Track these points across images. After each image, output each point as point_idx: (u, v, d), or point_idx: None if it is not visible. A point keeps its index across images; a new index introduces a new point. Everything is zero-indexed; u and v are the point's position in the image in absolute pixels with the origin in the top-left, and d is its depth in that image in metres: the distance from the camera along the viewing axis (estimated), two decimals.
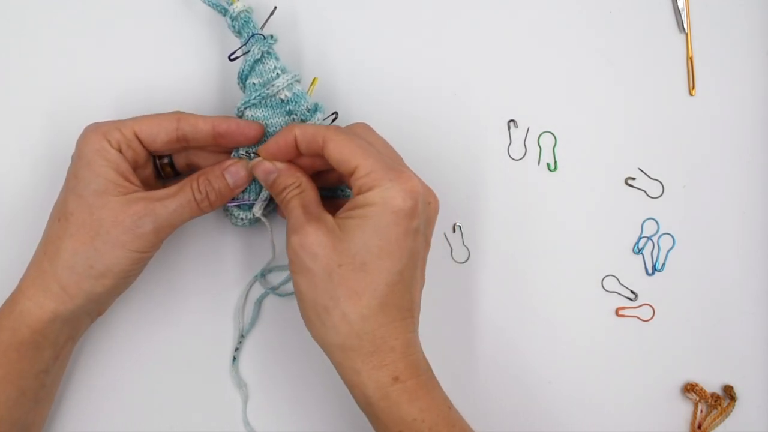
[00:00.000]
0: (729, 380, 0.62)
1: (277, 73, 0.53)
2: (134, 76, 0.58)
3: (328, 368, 0.50)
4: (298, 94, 0.53)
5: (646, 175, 0.62)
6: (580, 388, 0.60)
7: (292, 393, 0.58)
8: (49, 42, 0.58)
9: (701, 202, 0.62)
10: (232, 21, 0.53)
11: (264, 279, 0.58)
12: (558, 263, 0.61)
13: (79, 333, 0.52)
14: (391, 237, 0.47)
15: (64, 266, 0.48)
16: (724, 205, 0.62)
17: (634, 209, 0.62)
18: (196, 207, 0.51)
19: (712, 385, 0.61)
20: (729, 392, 0.61)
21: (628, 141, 0.62)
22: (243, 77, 0.53)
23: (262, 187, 0.54)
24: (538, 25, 0.62)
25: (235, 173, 0.52)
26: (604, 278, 0.61)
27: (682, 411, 0.61)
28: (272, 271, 0.59)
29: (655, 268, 0.62)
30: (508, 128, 0.61)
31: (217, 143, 0.52)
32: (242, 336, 0.58)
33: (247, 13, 0.53)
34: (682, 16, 0.62)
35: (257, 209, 0.54)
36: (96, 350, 0.57)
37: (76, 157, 0.50)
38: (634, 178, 0.62)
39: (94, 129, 0.50)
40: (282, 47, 0.54)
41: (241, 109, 0.53)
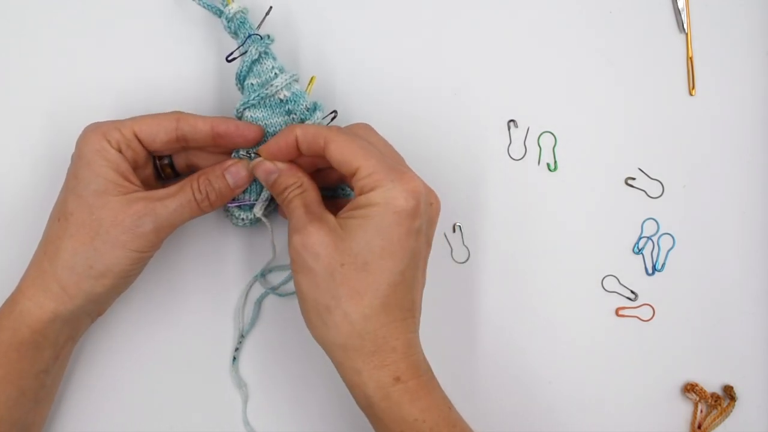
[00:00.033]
0: (729, 380, 0.62)
1: (275, 73, 0.53)
2: (134, 77, 0.58)
3: (328, 368, 0.50)
4: (297, 94, 0.53)
5: (646, 175, 0.62)
6: (580, 388, 0.60)
7: (292, 393, 0.58)
8: (49, 42, 0.57)
9: (701, 202, 0.62)
10: (228, 22, 0.53)
11: (264, 279, 0.58)
12: (558, 263, 0.61)
13: (79, 333, 0.52)
14: (393, 237, 0.47)
15: (63, 266, 0.48)
16: (724, 205, 0.62)
17: (634, 209, 0.62)
18: (196, 207, 0.51)
19: (712, 385, 0.62)
20: (729, 392, 0.61)
21: (628, 141, 0.62)
22: (241, 78, 0.53)
23: (263, 188, 0.54)
24: (538, 25, 0.62)
25: (235, 173, 0.52)
26: (604, 278, 0.61)
27: (682, 411, 0.61)
28: (272, 271, 0.59)
29: (655, 268, 0.62)
30: (508, 128, 0.61)
31: (216, 144, 0.52)
32: (242, 336, 0.58)
33: (243, 14, 0.53)
34: (682, 16, 0.62)
35: (258, 209, 0.54)
36: (96, 350, 0.57)
37: (76, 157, 0.50)
38: (634, 178, 0.62)
39: (94, 129, 0.50)
40: (278, 47, 0.54)
41: (240, 110, 0.53)
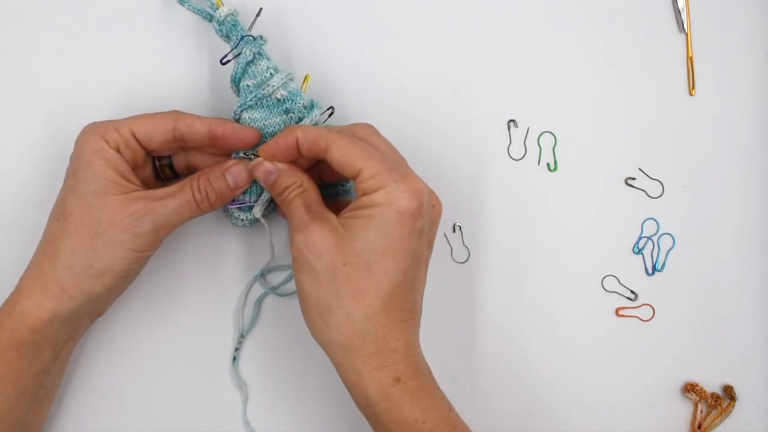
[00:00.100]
0: (729, 380, 0.62)
1: (271, 73, 0.52)
2: (134, 77, 0.58)
3: (328, 368, 0.50)
4: (294, 92, 0.53)
5: (646, 175, 0.62)
6: (580, 388, 0.60)
7: (292, 393, 0.58)
8: (49, 42, 0.57)
9: (701, 202, 0.62)
10: (220, 26, 0.53)
11: (264, 279, 0.58)
12: (558, 263, 0.61)
13: (78, 333, 0.52)
14: (395, 237, 0.47)
15: (63, 266, 0.48)
16: (724, 205, 0.62)
17: (634, 209, 0.62)
18: (195, 207, 0.51)
19: (712, 385, 0.61)
20: (729, 392, 0.61)
21: (628, 141, 0.62)
22: (236, 80, 0.53)
23: (263, 189, 0.54)
24: (538, 25, 0.62)
25: (236, 174, 0.52)
26: (604, 278, 0.61)
27: (682, 411, 0.61)
28: (272, 271, 0.58)
29: (655, 268, 0.62)
30: (508, 128, 0.61)
31: (213, 145, 0.52)
32: (242, 336, 0.58)
33: (234, 17, 0.53)
34: (682, 16, 0.62)
35: (257, 211, 0.54)
36: (96, 350, 0.57)
37: (75, 157, 0.50)
38: (634, 178, 0.62)
39: (92, 129, 0.50)
40: (271, 48, 0.53)
41: (238, 112, 0.53)
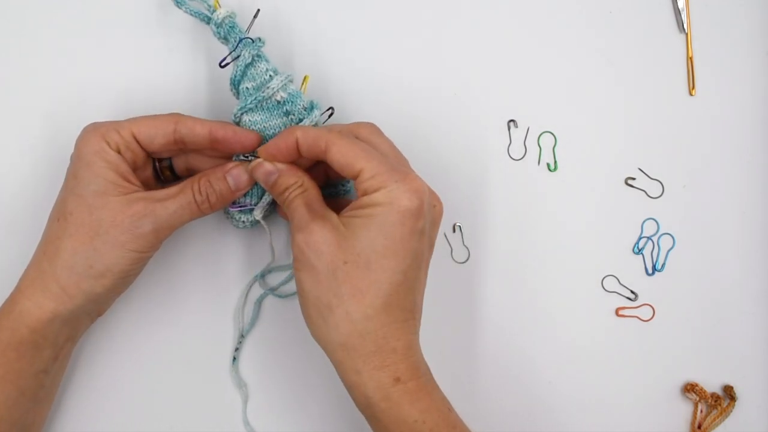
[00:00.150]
0: (729, 380, 0.62)
1: (270, 75, 0.52)
2: (134, 77, 0.58)
3: (328, 368, 0.49)
4: (294, 94, 0.53)
5: (646, 175, 0.62)
6: (580, 388, 0.60)
7: (292, 393, 0.58)
8: (49, 42, 0.57)
9: (701, 202, 0.62)
10: (217, 28, 0.52)
11: (264, 280, 0.58)
12: (558, 263, 0.61)
13: (78, 333, 0.52)
14: (396, 236, 0.47)
15: (63, 266, 0.48)
16: (724, 205, 0.62)
17: (634, 209, 0.62)
18: (196, 209, 0.51)
19: (712, 385, 0.61)
20: (729, 392, 0.61)
21: (628, 141, 0.62)
22: (235, 83, 0.53)
23: (264, 191, 0.54)
24: (538, 25, 0.61)
25: (237, 176, 0.52)
26: (604, 278, 0.61)
27: (682, 411, 0.61)
28: (272, 271, 0.59)
29: (655, 268, 0.62)
30: (508, 128, 0.61)
31: (214, 148, 0.52)
32: (242, 336, 0.58)
33: (231, 19, 0.52)
34: (682, 16, 0.62)
35: (258, 213, 0.54)
36: (96, 350, 0.57)
37: (76, 157, 0.50)
38: (634, 178, 0.62)
39: (93, 130, 0.50)
40: (269, 49, 0.53)
41: (238, 115, 0.53)
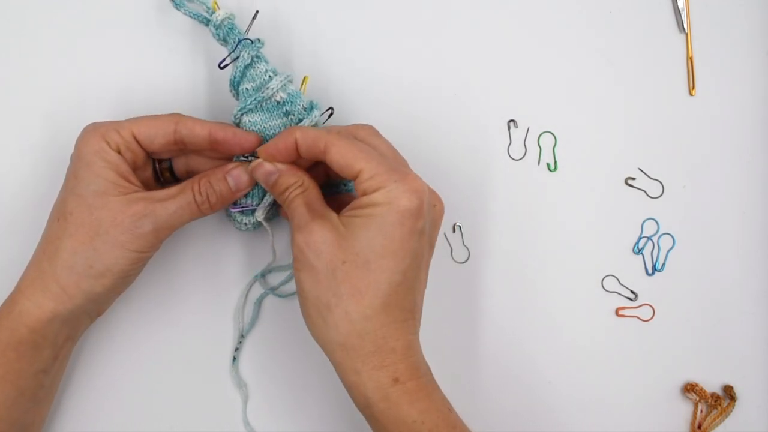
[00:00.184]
0: (729, 380, 0.62)
1: (270, 76, 0.52)
2: (134, 77, 0.58)
3: (328, 368, 0.49)
4: (293, 94, 0.53)
5: (646, 175, 0.62)
6: (580, 388, 0.60)
7: (292, 393, 0.58)
8: (49, 42, 0.57)
9: (701, 202, 0.62)
10: (216, 30, 0.52)
11: (264, 279, 0.58)
12: (558, 263, 0.61)
13: (78, 333, 0.52)
14: (395, 236, 0.47)
15: (63, 266, 0.48)
16: (724, 205, 0.62)
17: (634, 209, 0.62)
18: (196, 209, 0.51)
19: (712, 385, 0.61)
20: (729, 392, 0.61)
21: (628, 141, 0.62)
22: (235, 84, 0.53)
23: (265, 192, 0.54)
24: (538, 25, 0.61)
25: (237, 177, 0.52)
26: (604, 278, 0.61)
27: (682, 411, 0.61)
28: (272, 271, 0.59)
29: (655, 268, 0.61)
30: (508, 128, 0.61)
31: (213, 149, 0.52)
32: (242, 336, 0.58)
33: (230, 20, 0.53)
34: (682, 16, 0.62)
35: (260, 214, 0.54)
36: (96, 350, 0.57)
37: (76, 157, 0.50)
38: (634, 178, 0.62)
39: (93, 130, 0.50)
40: (268, 50, 0.54)
41: (238, 116, 0.53)
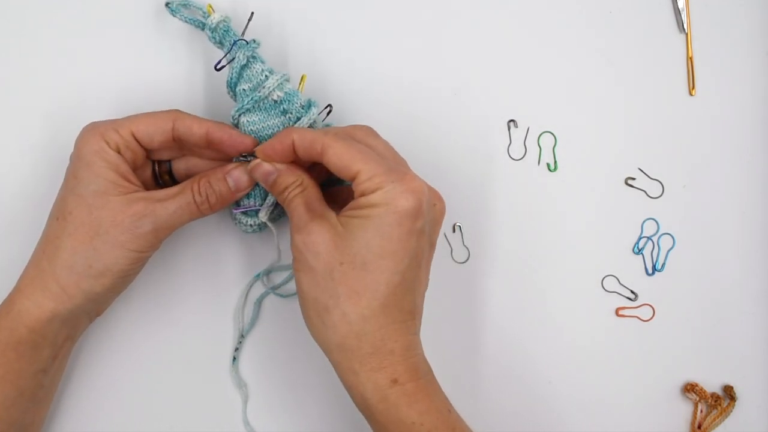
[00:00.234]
0: (729, 380, 0.62)
1: (266, 75, 0.52)
2: (134, 77, 0.58)
3: (328, 368, 0.50)
4: (290, 93, 0.53)
5: (646, 175, 0.62)
6: (580, 388, 0.60)
7: (292, 393, 0.58)
8: (49, 42, 0.57)
9: (701, 202, 0.62)
10: (212, 33, 0.53)
11: (266, 279, 0.58)
12: (558, 263, 0.61)
13: (77, 333, 0.52)
14: (393, 236, 0.46)
15: (62, 266, 0.48)
16: (724, 205, 0.62)
17: (634, 209, 0.62)
18: (195, 209, 0.51)
19: (712, 385, 0.61)
20: (729, 392, 0.61)
21: (628, 141, 0.62)
22: (232, 85, 0.53)
23: (268, 193, 0.54)
24: (538, 25, 0.61)
25: (237, 177, 0.52)
26: (604, 278, 0.61)
27: (682, 411, 0.61)
28: (272, 271, 0.59)
29: (655, 268, 0.61)
30: (508, 128, 0.61)
31: (211, 149, 0.52)
32: (242, 336, 0.58)
33: (226, 23, 0.53)
34: (682, 16, 0.62)
35: (263, 214, 0.54)
36: (96, 350, 0.57)
37: (75, 157, 0.50)
38: (634, 178, 0.62)
39: (92, 129, 0.50)
40: (264, 52, 0.54)
41: (236, 117, 0.53)
